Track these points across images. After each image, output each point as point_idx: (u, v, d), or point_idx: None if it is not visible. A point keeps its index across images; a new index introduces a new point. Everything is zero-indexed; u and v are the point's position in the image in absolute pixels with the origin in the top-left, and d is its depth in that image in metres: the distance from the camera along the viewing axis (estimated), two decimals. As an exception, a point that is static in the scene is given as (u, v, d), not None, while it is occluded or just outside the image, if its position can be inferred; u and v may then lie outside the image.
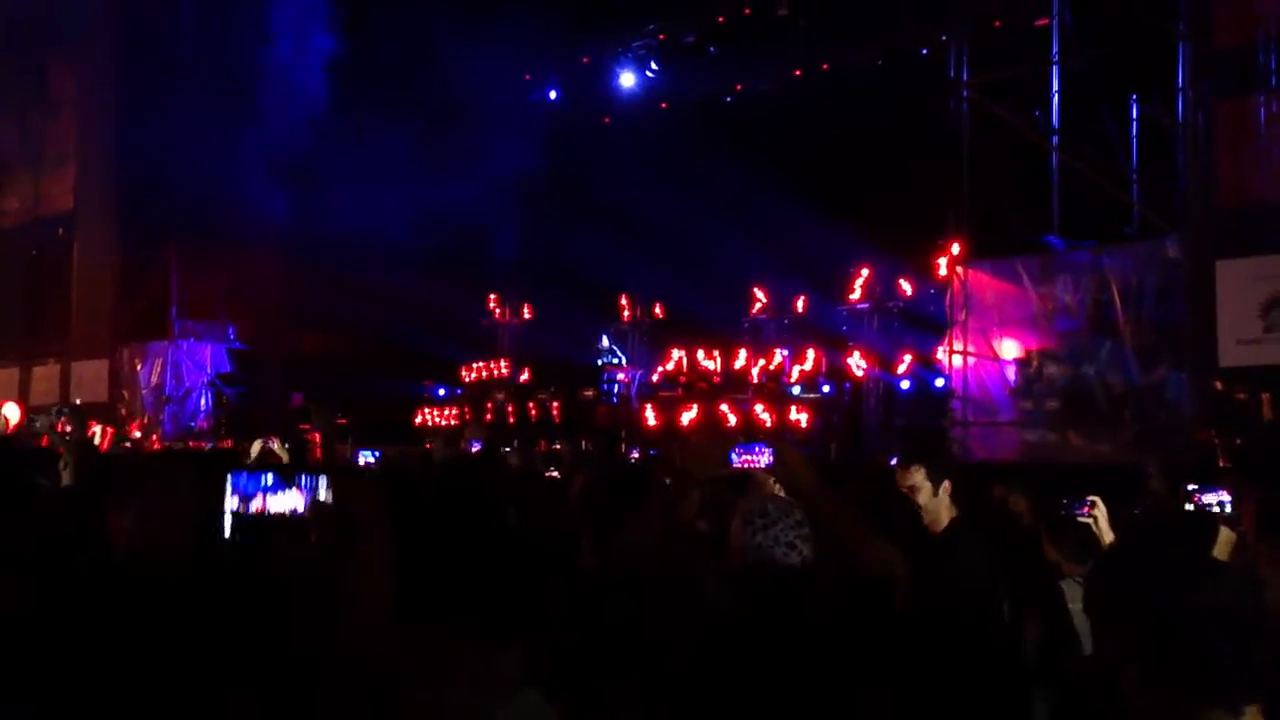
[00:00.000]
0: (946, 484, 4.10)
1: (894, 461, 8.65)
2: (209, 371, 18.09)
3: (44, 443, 7.85)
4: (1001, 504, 5.93)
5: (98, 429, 14.91)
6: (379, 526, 1.34)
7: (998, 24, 12.04)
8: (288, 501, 1.33)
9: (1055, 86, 11.27)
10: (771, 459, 2.97)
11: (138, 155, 17.17)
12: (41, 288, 20.70)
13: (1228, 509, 3.89)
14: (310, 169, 15.00)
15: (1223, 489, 4.09)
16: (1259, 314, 9.35)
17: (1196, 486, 4.10)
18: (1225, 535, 3.14)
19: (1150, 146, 10.89)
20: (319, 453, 11.19)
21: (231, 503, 1.37)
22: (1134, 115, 11.10)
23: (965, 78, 11.73)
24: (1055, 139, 11.24)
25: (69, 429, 8.92)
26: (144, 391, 18.26)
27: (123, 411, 17.93)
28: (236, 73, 15.39)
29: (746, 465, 3.50)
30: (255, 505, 1.37)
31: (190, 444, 13.69)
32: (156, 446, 13.99)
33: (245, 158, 15.20)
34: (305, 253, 15.87)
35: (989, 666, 3.48)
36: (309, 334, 17.33)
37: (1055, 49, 11.27)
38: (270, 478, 1.34)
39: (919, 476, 4.10)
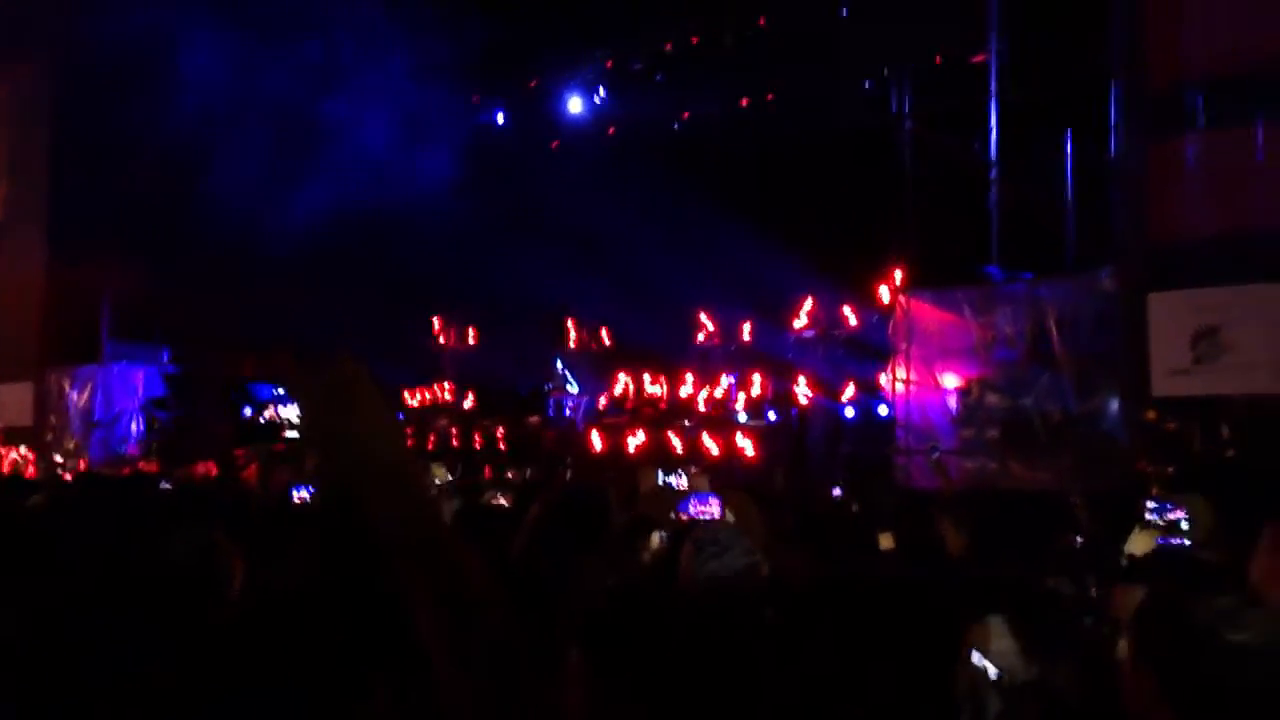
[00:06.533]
0: None
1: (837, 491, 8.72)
2: (141, 395, 17.61)
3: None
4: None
5: (17, 453, 14.45)
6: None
7: (938, 59, 12.32)
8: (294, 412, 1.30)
9: (994, 120, 11.53)
10: (720, 508, 2.97)
11: (70, 171, 16.75)
12: (-35, 307, 20.05)
13: (1184, 525, 3.95)
14: (247, 186, 14.72)
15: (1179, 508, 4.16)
16: (1189, 345, 9.59)
17: (1155, 505, 4.16)
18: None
19: (1086, 180, 11.17)
20: (254, 481, 10.93)
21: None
22: (1069, 150, 11.39)
23: (907, 109, 11.96)
24: (994, 171, 11.48)
25: None
26: (72, 416, 17.72)
27: (49, 437, 17.38)
28: (176, 86, 15.09)
29: (700, 515, 3.46)
30: (268, 413, 1.38)
31: (124, 470, 13.29)
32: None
33: (180, 175, 14.89)
34: (244, 274, 15.55)
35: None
36: (247, 356, 16.98)
37: (992, 84, 11.53)
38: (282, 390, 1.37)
39: None
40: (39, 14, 17.30)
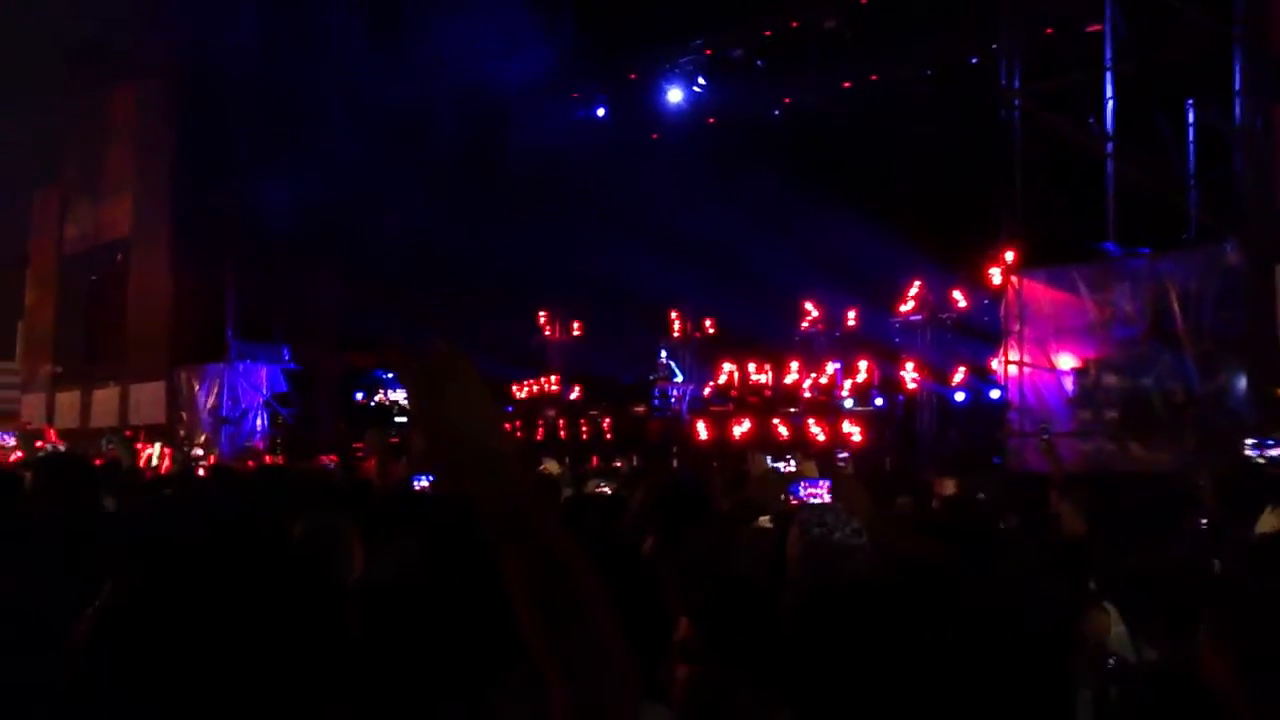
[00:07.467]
0: None
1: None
2: (265, 392, 18.39)
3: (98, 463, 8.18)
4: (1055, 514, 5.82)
5: (154, 449, 15.24)
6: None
7: (1049, 31, 11.90)
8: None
9: (1109, 93, 11.10)
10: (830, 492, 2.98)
11: (193, 180, 17.58)
12: (101, 312, 21.19)
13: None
14: (362, 190, 15.23)
15: None
16: (1323, 319, 9.10)
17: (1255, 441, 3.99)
18: None
19: (1207, 151, 10.67)
20: (374, 474, 11.29)
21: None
22: (1189, 120, 10.89)
23: (1016, 86, 11.60)
24: (1110, 146, 11.06)
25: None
26: (201, 413, 18.59)
27: (181, 433, 18.29)
28: (291, 97, 15.69)
29: (810, 498, 3.48)
30: (379, 396, 1.47)
31: (250, 464, 13.95)
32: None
33: (298, 181, 15.49)
34: (358, 273, 16.11)
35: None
36: (362, 354, 17.59)
37: (1108, 55, 11.10)
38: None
39: None
40: (161, 29, 18.17)
